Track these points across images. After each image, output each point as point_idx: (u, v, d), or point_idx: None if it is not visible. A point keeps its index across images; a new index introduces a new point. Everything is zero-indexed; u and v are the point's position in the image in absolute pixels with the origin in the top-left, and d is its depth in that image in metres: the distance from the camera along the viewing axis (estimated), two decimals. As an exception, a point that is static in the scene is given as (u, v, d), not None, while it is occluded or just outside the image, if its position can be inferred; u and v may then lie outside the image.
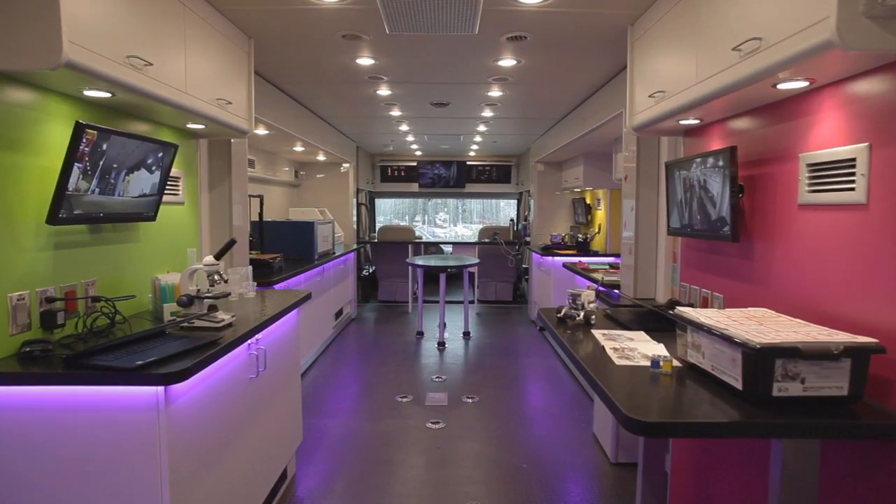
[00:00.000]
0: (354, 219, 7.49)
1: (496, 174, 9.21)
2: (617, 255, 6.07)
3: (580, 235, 6.44)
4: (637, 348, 2.08)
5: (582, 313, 2.52)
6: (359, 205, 8.29)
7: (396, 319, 7.40)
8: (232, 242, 2.31)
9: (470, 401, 4.33)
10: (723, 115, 2.32)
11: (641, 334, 2.32)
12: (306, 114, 5.22)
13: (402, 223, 13.78)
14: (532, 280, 7.38)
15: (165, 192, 2.62)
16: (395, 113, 5.33)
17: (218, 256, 2.28)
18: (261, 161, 5.88)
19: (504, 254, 7.92)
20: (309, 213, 6.30)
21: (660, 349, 2.06)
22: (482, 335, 6.56)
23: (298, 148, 5.70)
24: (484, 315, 7.70)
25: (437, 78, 4.05)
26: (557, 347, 5.74)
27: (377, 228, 8.90)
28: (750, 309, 1.87)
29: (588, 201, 6.75)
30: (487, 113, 5.33)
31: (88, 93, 1.97)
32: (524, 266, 8.49)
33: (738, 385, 1.49)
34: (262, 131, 4.54)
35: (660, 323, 2.53)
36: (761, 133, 2.10)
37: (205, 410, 1.96)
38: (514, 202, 10.84)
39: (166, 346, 1.87)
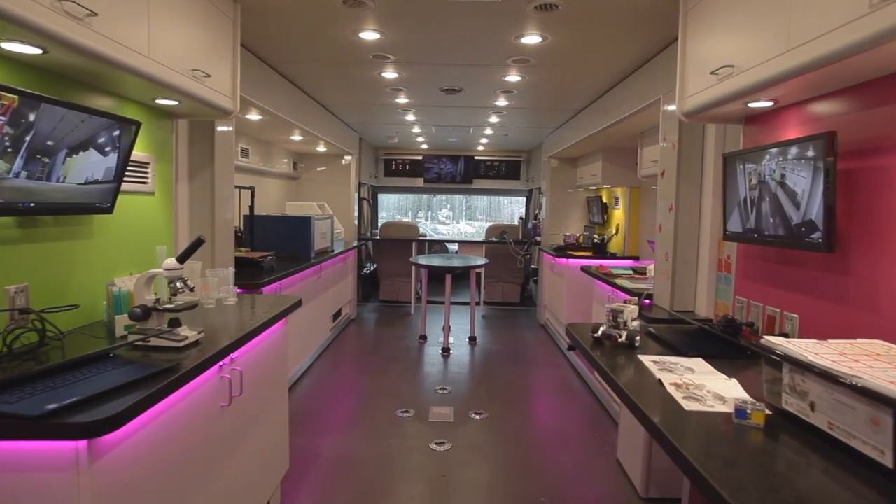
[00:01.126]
0: (356, 214, 7.05)
1: (505, 170, 8.75)
2: (635, 258, 5.63)
3: (595, 236, 5.99)
4: (704, 385, 1.64)
5: (624, 333, 2.08)
6: (360, 199, 7.85)
7: (398, 321, 6.96)
8: (198, 242, 1.87)
9: (478, 417, 3.90)
10: (810, 94, 1.87)
11: (700, 363, 1.88)
12: (305, 99, 4.77)
13: (405, 219, 13.35)
14: (542, 282, 6.93)
15: (129, 179, 2.19)
16: (402, 100, 4.89)
17: (182, 259, 1.84)
18: (256, 151, 5.44)
19: (513, 254, 7.48)
20: (307, 207, 5.87)
21: (734, 388, 1.61)
22: (489, 340, 6.12)
23: (296, 137, 5.25)
24: (490, 318, 7.26)
25: (450, 58, 3.60)
26: (589, 373, 5.29)
27: (379, 225, 8.45)
28: (862, 341, 1.42)
29: (605, 200, 6.30)
30: (502, 102, 4.88)
31: (8, 46, 1.53)
32: (533, 266, 8.05)
33: (887, 461, 1.05)
34: (254, 116, 4.09)
35: (717, 346, 2.09)
36: (867, 115, 1.65)
37: (154, 457, 1.52)
38: (520, 199, 10.40)
39: (104, 376, 1.43)
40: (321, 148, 6.19)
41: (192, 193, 2.96)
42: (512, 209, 14.56)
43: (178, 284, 1.82)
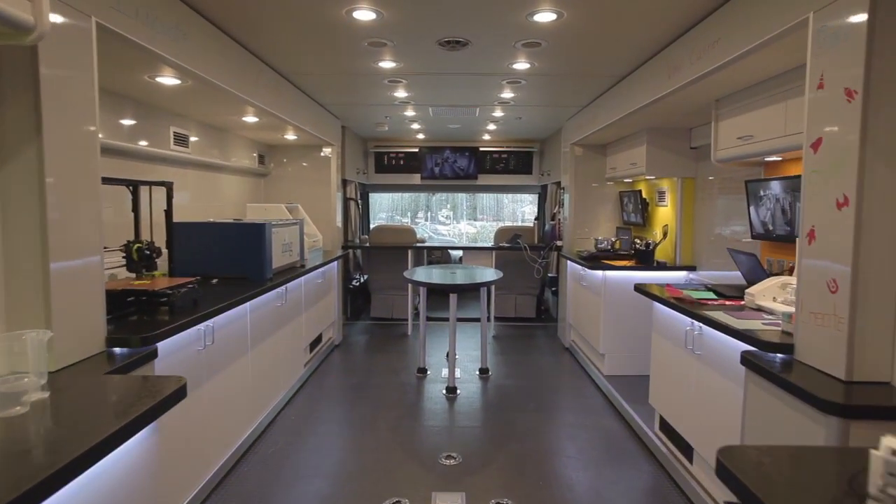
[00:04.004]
0: (339, 217, 5.70)
1: (514, 163, 7.40)
2: (691, 269, 4.30)
3: (637, 240, 4.65)
4: None
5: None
6: (347, 200, 6.51)
7: (393, 346, 5.62)
8: None
9: (502, 512, 2.58)
10: None
11: None
12: (260, 68, 3.43)
13: (405, 220, 11.95)
14: (566, 296, 5.59)
15: None
16: (388, 63, 3.54)
17: None
18: (209, 141, 4.11)
19: (528, 262, 6.14)
20: (273, 210, 4.54)
21: None
22: (504, 372, 4.78)
23: (250, 118, 3.91)
24: (503, 338, 5.92)
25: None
26: (642, 423, 3.95)
27: (371, 229, 7.10)
28: None
29: (644, 195, 4.95)
30: (522, 64, 3.53)
31: None
32: (550, 275, 6.71)
33: None
34: (169, 80, 2.76)
35: None
36: None
37: None
38: (525, 198, 9.08)
39: None
40: (291, 136, 4.85)
41: (1, 190, 1.63)
42: (514, 208, 13.17)
43: None
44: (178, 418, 2.30)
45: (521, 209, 12.99)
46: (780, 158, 2.93)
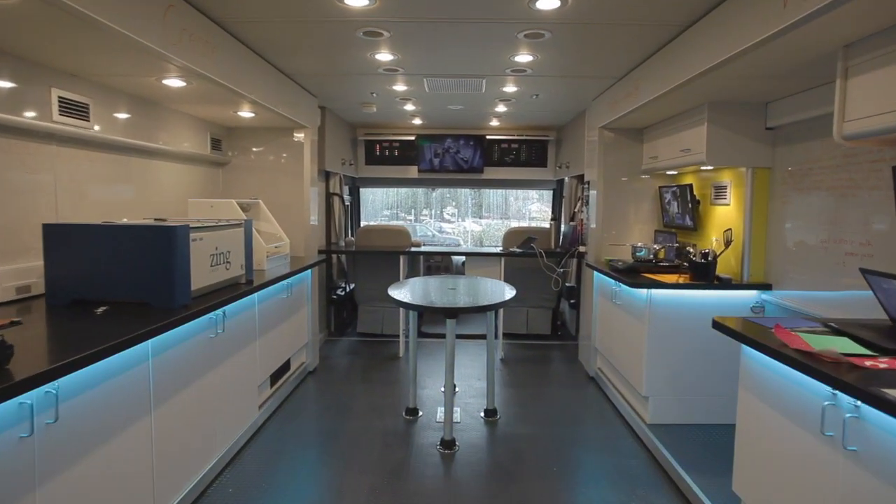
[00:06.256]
0: (313, 216, 4.60)
1: (526, 154, 6.28)
2: (764, 287, 3.20)
3: (690, 249, 3.54)
4: None
5: None
6: (330, 195, 5.43)
7: (379, 371, 4.54)
8: None
9: None
10: None
11: None
12: (191, 16, 2.35)
13: (409, 218, 10.85)
14: (591, 313, 4.49)
15: None
16: (357, 1, 2.44)
17: None
18: (128, 114, 3.05)
19: (545, 271, 5.02)
20: (221, 207, 3.46)
21: None
22: (516, 413, 3.69)
23: (174, 82, 2.81)
24: (513, 362, 4.82)
25: None
26: (674, 463, 2.83)
27: (357, 229, 5.99)
28: None
29: (696, 192, 3.83)
30: (546, 2, 2.42)
31: None
32: (568, 284, 5.60)
33: None
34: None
35: None
36: None
37: None
38: (533, 194, 7.96)
39: None
40: (247, 114, 3.76)
41: None
42: (518, 206, 12.00)
43: None
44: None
45: (528, 207, 11.81)
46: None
